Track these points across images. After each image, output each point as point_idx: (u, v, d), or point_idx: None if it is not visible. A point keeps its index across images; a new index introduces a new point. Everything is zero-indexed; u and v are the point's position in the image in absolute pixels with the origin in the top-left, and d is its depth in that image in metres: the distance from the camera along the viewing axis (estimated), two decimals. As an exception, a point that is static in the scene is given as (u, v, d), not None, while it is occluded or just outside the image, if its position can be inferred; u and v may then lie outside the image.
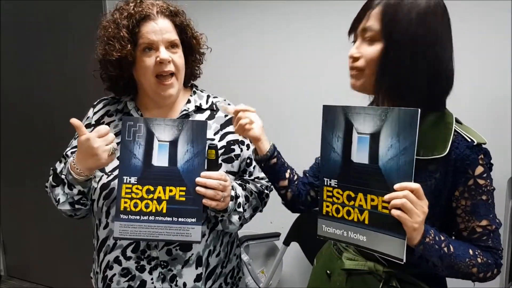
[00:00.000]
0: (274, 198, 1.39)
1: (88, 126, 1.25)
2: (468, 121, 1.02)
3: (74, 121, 1.07)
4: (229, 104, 1.31)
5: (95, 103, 1.31)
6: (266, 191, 1.34)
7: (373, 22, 0.95)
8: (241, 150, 1.27)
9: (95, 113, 1.28)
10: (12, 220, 3.06)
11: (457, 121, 0.98)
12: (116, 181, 1.11)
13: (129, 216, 1.07)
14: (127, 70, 1.18)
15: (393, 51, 0.93)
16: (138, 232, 1.07)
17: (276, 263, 2.20)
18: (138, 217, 1.07)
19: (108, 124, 1.24)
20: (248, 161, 1.30)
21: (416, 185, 0.84)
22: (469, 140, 0.93)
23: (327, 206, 0.97)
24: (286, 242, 2.16)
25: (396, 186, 0.85)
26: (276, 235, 2.29)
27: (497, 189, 0.98)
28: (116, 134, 1.21)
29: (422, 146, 0.92)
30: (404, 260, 0.86)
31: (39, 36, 2.71)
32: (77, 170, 1.10)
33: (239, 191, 1.21)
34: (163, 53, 1.14)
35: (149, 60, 1.15)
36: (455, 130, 0.94)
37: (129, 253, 1.18)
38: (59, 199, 1.16)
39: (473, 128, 0.98)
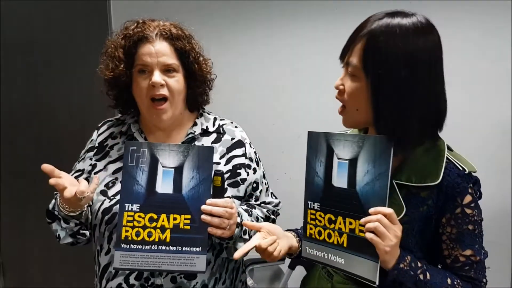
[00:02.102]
0: (279, 221, 1.35)
1: (91, 149, 1.24)
2: (469, 147, 1.02)
3: (45, 167, 1.05)
4: (236, 127, 1.29)
5: (99, 125, 1.30)
6: (272, 216, 1.31)
7: (354, 57, 0.92)
8: (248, 174, 1.24)
9: (99, 135, 1.26)
10: (12, 239, 3.02)
11: (449, 148, 0.99)
12: (118, 208, 1.07)
13: (131, 245, 1.03)
14: (124, 89, 1.19)
15: (376, 89, 0.90)
16: (140, 262, 1.03)
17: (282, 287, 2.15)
18: (140, 247, 1.03)
19: (111, 146, 1.23)
20: (255, 185, 1.26)
21: (389, 210, 0.87)
22: (461, 168, 0.94)
23: (311, 229, 1.01)
24: (292, 266, 2.13)
25: (370, 210, 0.88)
26: (281, 259, 2.23)
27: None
28: (120, 157, 1.19)
29: (414, 173, 0.94)
30: (377, 283, 0.88)
31: (42, 47, 2.70)
32: (66, 208, 1.08)
33: (245, 217, 1.18)
34: (156, 77, 1.12)
35: (143, 82, 1.14)
36: (447, 157, 0.96)
37: (132, 280, 1.14)
38: (59, 235, 1.15)
39: (473, 155, 0.99)
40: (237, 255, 0.99)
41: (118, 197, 1.13)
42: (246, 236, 1.16)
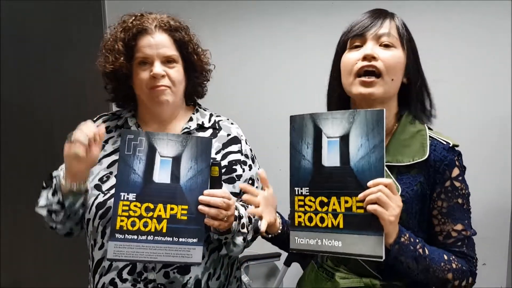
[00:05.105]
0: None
1: None
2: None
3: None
4: (232, 124, 1.29)
5: (94, 119, 1.28)
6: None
7: (391, 29, 1.00)
8: (243, 171, 1.23)
9: None
10: (7, 239, 3.00)
11: (428, 128, 1.04)
12: (113, 200, 1.05)
13: (126, 235, 1.01)
14: (124, 82, 1.19)
15: (411, 61, 1.01)
16: (135, 253, 1.01)
17: (277, 284, 2.15)
18: (135, 237, 1.01)
19: (106, 140, 1.22)
20: (250, 182, 1.26)
21: (388, 180, 0.87)
22: (445, 142, 0.99)
23: (299, 217, 0.96)
24: (287, 263, 2.12)
25: (369, 183, 0.87)
26: (277, 255, 2.23)
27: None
28: (115, 150, 1.18)
29: (401, 153, 0.98)
30: (384, 257, 0.86)
31: (39, 47, 2.69)
32: (64, 174, 1.08)
33: (242, 211, 1.16)
34: (157, 68, 1.13)
35: (143, 74, 1.15)
36: (429, 135, 1.00)
37: (125, 275, 1.12)
38: (39, 200, 1.13)
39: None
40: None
41: (112, 191, 1.11)
42: (245, 230, 1.14)
